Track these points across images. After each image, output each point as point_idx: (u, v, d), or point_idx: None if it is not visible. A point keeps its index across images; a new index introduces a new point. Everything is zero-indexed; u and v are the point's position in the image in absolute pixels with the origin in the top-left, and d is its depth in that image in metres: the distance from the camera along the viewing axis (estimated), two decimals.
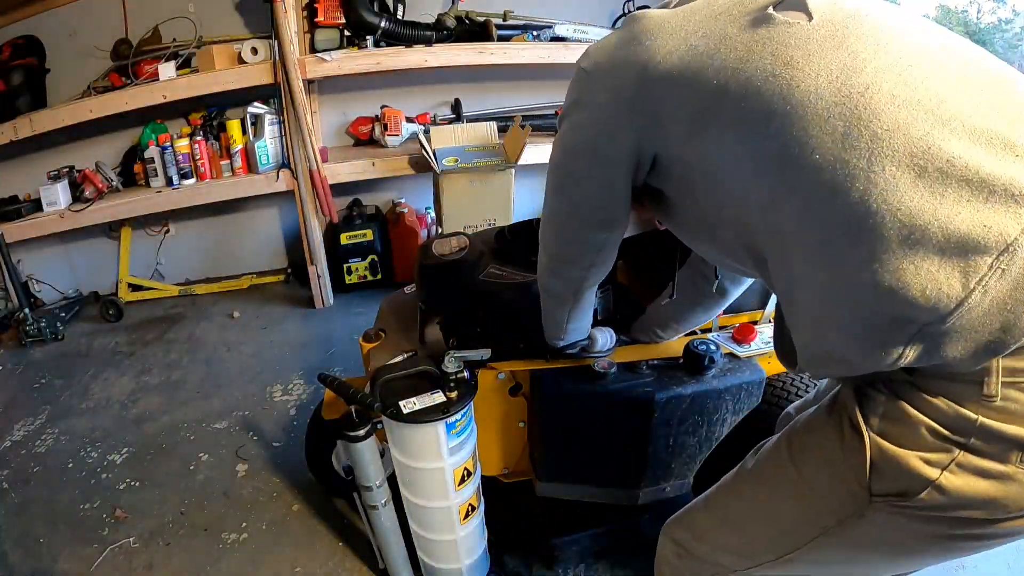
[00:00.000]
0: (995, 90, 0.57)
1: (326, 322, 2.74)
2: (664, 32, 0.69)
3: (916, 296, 0.53)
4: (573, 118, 0.79)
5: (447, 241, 1.37)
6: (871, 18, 0.61)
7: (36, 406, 2.22)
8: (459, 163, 2.45)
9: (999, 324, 0.52)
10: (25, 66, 2.56)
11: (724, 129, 0.64)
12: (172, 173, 2.66)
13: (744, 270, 0.83)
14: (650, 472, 1.34)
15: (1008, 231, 0.50)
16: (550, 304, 1.06)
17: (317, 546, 1.56)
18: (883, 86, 0.55)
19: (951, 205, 0.52)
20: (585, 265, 0.92)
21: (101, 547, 1.59)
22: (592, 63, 0.77)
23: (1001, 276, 0.51)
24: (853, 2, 0.63)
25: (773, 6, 0.63)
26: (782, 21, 0.62)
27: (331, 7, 2.54)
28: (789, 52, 0.59)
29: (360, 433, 1.14)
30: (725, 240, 0.75)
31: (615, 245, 0.90)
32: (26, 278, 2.83)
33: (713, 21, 0.66)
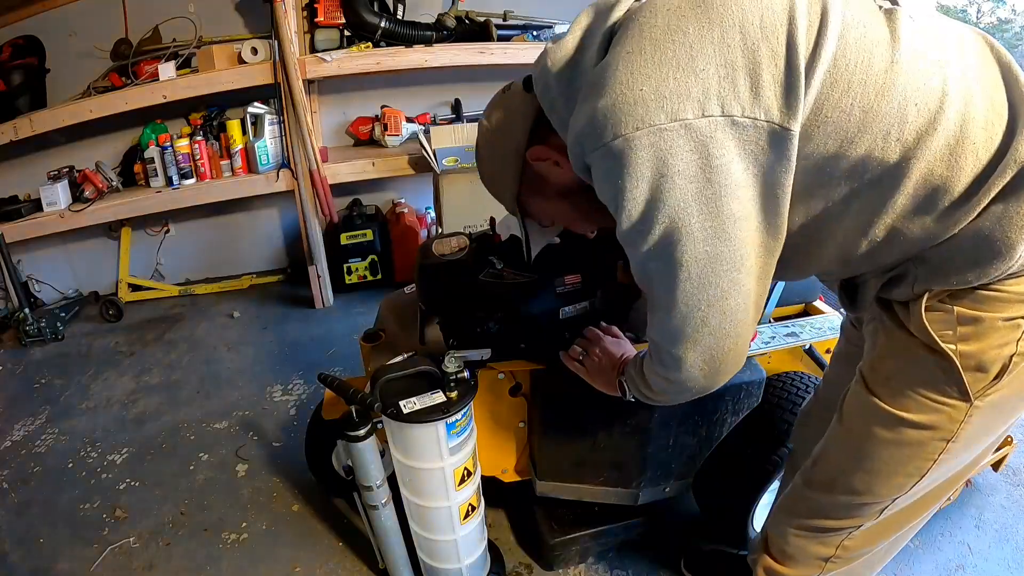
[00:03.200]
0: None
1: (326, 322, 2.74)
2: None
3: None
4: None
5: (447, 241, 1.37)
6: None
7: (36, 406, 2.22)
8: (459, 163, 2.45)
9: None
10: (25, 66, 2.56)
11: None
12: (172, 173, 2.66)
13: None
14: (650, 472, 1.34)
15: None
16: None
17: (317, 546, 1.56)
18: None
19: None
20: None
21: (101, 547, 1.59)
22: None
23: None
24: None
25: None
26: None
27: (331, 7, 2.54)
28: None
29: (360, 433, 1.14)
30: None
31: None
32: (26, 278, 2.84)
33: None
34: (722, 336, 0.73)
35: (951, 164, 0.63)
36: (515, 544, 1.54)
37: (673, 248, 0.66)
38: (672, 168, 0.62)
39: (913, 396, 0.75)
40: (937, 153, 0.63)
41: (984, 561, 1.47)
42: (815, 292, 1.47)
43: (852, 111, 0.63)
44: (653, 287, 0.74)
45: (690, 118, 0.60)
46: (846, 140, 0.64)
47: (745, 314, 0.72)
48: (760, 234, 0.67)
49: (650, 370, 0.89)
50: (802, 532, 0.94)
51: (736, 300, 0.70)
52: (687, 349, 0.75)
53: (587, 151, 0.68)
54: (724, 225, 0.65)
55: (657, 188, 0.63)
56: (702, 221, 0.64)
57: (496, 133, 0.88)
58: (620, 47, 0.64)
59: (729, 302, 0.70)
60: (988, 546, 1.51)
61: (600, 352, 1.10)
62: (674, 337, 0.75)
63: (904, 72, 0.63)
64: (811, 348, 1.38)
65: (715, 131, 0.60)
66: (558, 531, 1.42)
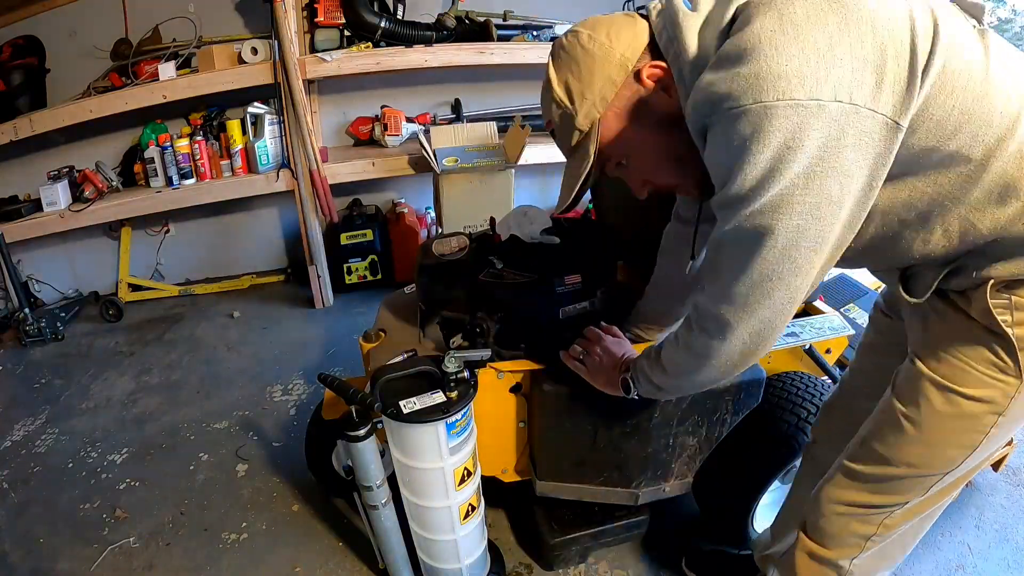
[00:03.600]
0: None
1: (326, 322, 2.74)
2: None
3: None
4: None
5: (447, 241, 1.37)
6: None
7: (36, 406, 2.22)
8: (459, 163, 2.45)
9: None
10: (25, 66, 2.56)
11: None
12: (172, 173, 2.66)
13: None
14: (650, 472, 1.34)
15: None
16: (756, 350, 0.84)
17: (317, 546, 1.56)
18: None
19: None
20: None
21: (101, 547, 1.59)
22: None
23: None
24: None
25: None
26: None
27: (331, 7, 2.55)
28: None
29: (360, 433, 1.14)
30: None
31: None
32: (26, 278, 2.84)
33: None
34: (777, 312, 0.77)
35: (1021, 166, 0.72)
36: (515, 544, 1.54)
37: (772, 215, 0.71)
38: (799, 142, 0.66)
39: (971, 371, 0.81)
40: (1011, 155, 0.72)
41: (984, 561, 1.47)
42: (815, 292, 1.47)
43: (952, 112, 0.70)
44: (729, 252, 0.77)
45: (824, 100, 0.65)
46: (943, 136, 0.71)
47: (801, 297, 0.77)
48: (842, 224, 0.73)
49: (674, 348, 0.92)
50: (847, 509, 0.97)
51: (802, 280, 0.74)
52: (742, 318, 0.79)
53: (716, 111, 0.71)
54: (821, 204, 0.69)
55: (780, 158, 0.67)
56: (804, 195, 0.69)
57: (600, 41, 0.84)
58: (761, 25, 0.68)
59: (797, 280, 0.74)
60: (988, 546, 1.51)
61: (601, 351, 1.11)
62: (733, 303, 0.78)
63: (994, 83, 0.71)
64: (811, 348, 1.38)
65: (842, 116, 0.66)
66: (558, 531, 1.42)
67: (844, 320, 1.42)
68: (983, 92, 0.71)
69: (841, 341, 1.43)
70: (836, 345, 1.44)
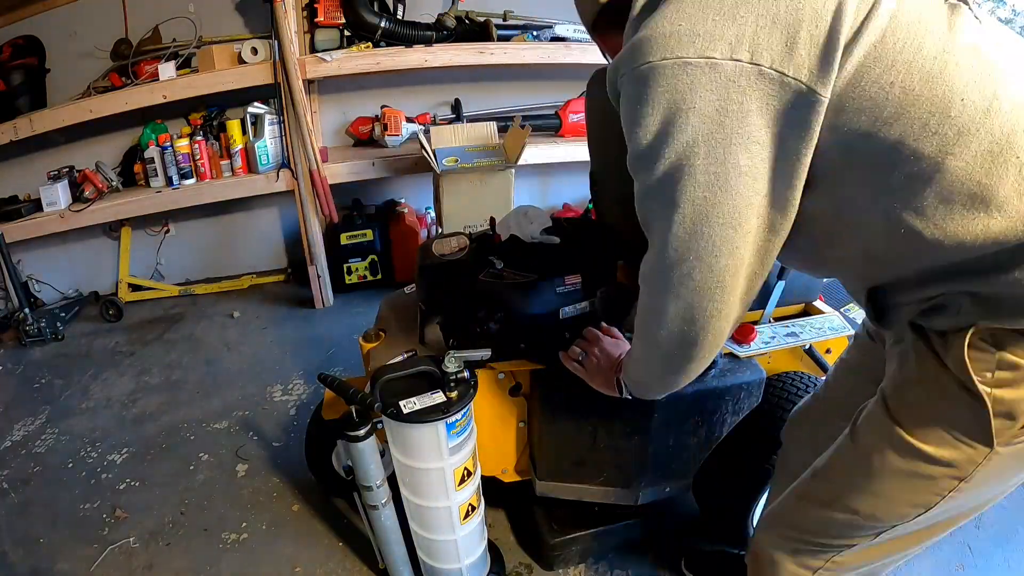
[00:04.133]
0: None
1: (326, 322, 2.74)
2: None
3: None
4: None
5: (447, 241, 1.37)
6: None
7: (36, 406, 2.22)
8: (459, 163, 2.45)
9: None
10: (25, 66, 2.56)
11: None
12: (172, 173, 2.66)
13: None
14: (650, 472, 1.34)
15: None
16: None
17: (317, 546, 1.56)
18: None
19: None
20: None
21: (101, 547, 1.59)
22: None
23: None
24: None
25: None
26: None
27: (331, 7, 2.54)
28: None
29: (360, 433, 1.14)
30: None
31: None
32: (26, 278, 2.83)
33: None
34: (705, 295, 0.71)
35: (991, 172, 0.60)
36: (515, 544, 1.54)
37: (674, 186, 0.66)
38: (688, 103, 0.62)
39: (935, 430, 0.73)
40: (977, 157, 0.60)
41: (984, 561, 1.47)
42: (815, 292, 1.47)
43: (891, 90, 0.61)
44: (650, 225, 0.74)
45: (717, 58, 0.61)
46: (880, 120, 0.62)
47: (734, 282, 0.70)
48: (766, 202, 0.66)
49: (631, 346, 0.89)
50: (793, 543, 0.93)
51: (727, 261, 0.68)
52: (669, 299, 0.74)
53: (619, 76, 0.69)
54: (728, 175, 0.64)
55: (670, 120, 0.63)
56: (706, 164, 0.64)
57: None
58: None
59: (719, 260, 0.68)
60: (988, 546, 1.51)
61: (599, 352, 1.10)
62: (658, 285, 0.74)
63: (955, 64, 0.61)
64: (811, 348, 1.38)
65: (739, 76, 0.61)
66: (558, 531, 1.42)
67: (844, 320, 1.42)
68: (935, 72, 0.60)
69: (841, 341, 1.43)
70: (836, 345, 1.44)
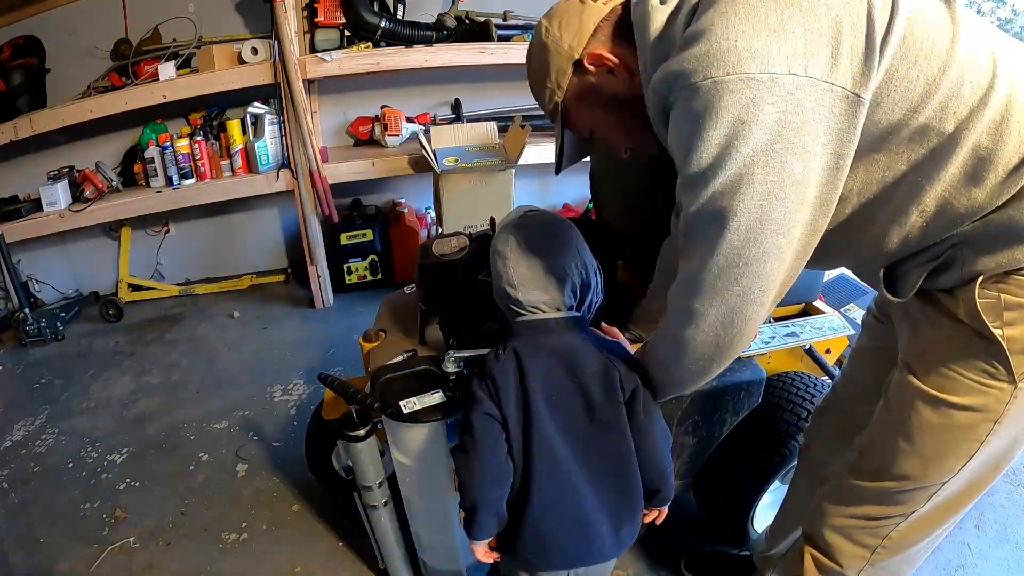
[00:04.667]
0: None
1: (326, 322, 2.74)
2: None
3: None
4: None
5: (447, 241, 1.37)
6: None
7: (36, 406, 2.22)
8: (459, 163, 2.45)
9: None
10: (25, 66, 2.56)
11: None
12: (172, 173, 2.66)
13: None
14: None
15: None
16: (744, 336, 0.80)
17: (317, 546, 1.56)
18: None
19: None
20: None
21: (101, 547, 1.59)
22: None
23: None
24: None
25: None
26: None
27: (331, 7, 2.54)
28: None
29: (360, 433, 1.14)
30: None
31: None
32: (26, 278, 2.83)
33: None
34: (748, 300, 0.74)
35: (996, 138, 0.69)
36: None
37: (732, 197, 0.68)
38: (752, 116, 0.65)
39: (961, 380, 0.79)
40: (985, 127, 0.69)
41: (984, 561, 1.47)
42: (815, 292, 1.47)
43: (917, 82, 0.68)
44: (696, 237, 0.75)
45: (778, 72, 0.64)
46: (910, 109, 0.69)
47: (774, 285, 0.74)
48: (811, 207, 0.70)
49: (655, 342, 0.91)
50: (850, 522, 0.96)
51: (772, 266, 0.72)
52: (710, 304, 0.76)
53: (672, 91, 0.71)
54: (783, 183, 0.67)
55: (735, 134, 0.66)
56: (764, 175, 0.67)
57: (552, 33, 0.90)
58: (713, 9, 0.68)
59: (766, 266, 0.71)
60: (988, 546, 1.51)
61: None
62: (701, 290, 0.76)
63: (961, 52, 0.69)
64: (811, 348, 1.38)
65: (796, 89, 0.64)
66: None
67: (844, 320, 1.42)
68: (948, 61, 0.69)
69: (841, 341, 1.43)
70: (836, 345, 1.44)
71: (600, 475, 0.93)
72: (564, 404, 0.91)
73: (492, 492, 0.91)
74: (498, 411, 0.90)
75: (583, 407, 0.91)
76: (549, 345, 0.92)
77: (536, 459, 0.90)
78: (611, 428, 0.91)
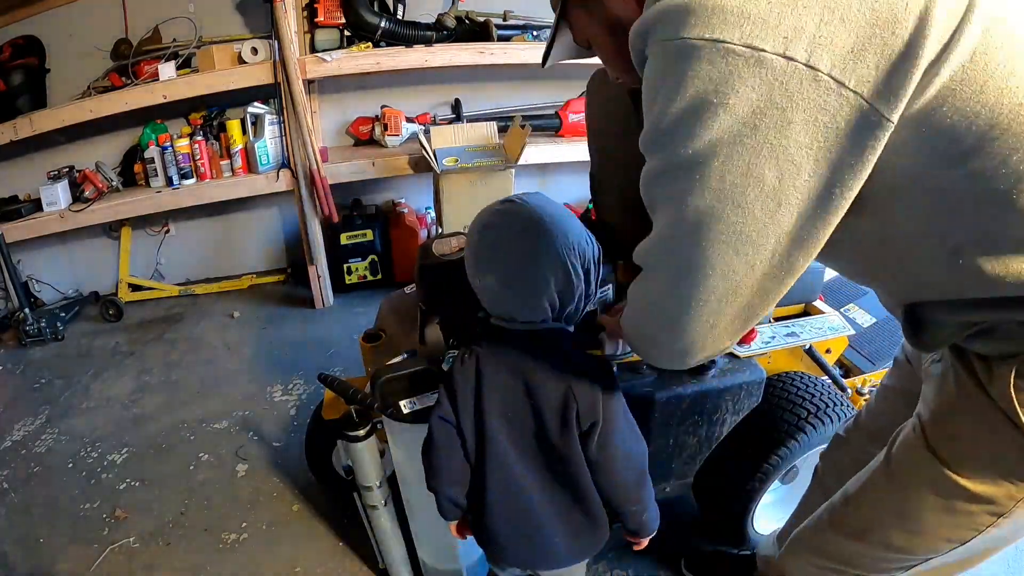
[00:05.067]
0: None
1: (326, 322, 2.74)
2: None
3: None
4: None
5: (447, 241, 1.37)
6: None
7: (36, 406, 2.22)
8: (459, 163, 2.45)
9: None
10: (25, 66, 2.56)
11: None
12: (172, 173, 2.66)
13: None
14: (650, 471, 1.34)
15: None
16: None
17: (317, 546, 1.56)
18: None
19: None
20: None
21: (101, 547, 1.59)
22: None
23: None
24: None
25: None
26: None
27: (331, 7, 2.54)
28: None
29: (360, 433, 1.14)
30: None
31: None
32: (26, 278, 2.83)
33: None
34: (683, 309, 0.63)
35: None
36: None
37: (681, 185, 0.57)
38: (721, 97, 0.52)
39: (976, 465, 0.69)
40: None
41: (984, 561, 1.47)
42: (815, 292, 1.47)
43: (975, 120, 0.51)
44: (654, 209, 0.65)
45: (767, 50, 0.49)
46: (956, 152, 0.53)
47: (720, 308, 0.61)
48: (787, 235, 0.57)
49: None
50: (821, 571, 0.92)
51: (718, 283, 0.59)
52: (646, 292, 0.69)
53: (646, 43, 0.59)
54: (746, 188, 0.54)
55: (696, 112, 0.53)
56: (724, 170, 0.54)
57: None
58: None
59: (710, 282, 0.60)
60: None
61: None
62: (645, 268, 0.69)
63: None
64: (811, 348, 1.38)
65: (788, 78, 0.50)
66: None
67: (844, 320, 1.42)
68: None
69: (841, 341, 1.43)
70: (836, 345, 1.44)
71: (553, 490, 0.91)
72: (519, 423, 0.89)
73: (448, 488, 0.93)
74: (454, 417, 0.90)
75: (535, 431, 0.89)
76: (510, 363, 0.88)
77: (488, 467, 0.90)
78: (564, 458, 0.88)
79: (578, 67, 3.04)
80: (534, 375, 0.86)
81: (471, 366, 0.90)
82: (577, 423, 0.85)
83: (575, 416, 0.85)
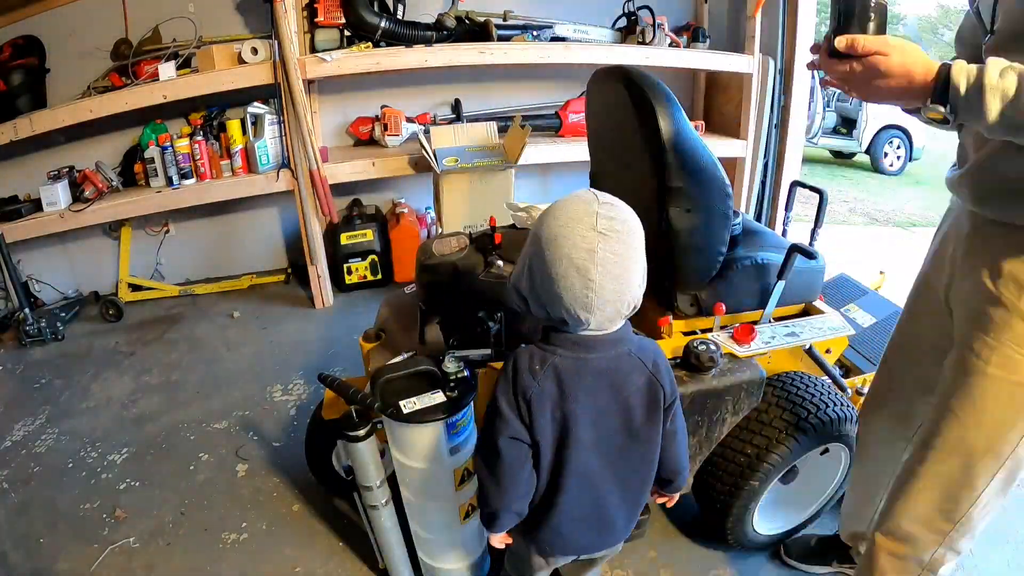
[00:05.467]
0: None
1: (326, 322, 2.74)
2: None
3: None
4: None
5: (447, 241, 1.37)
6: None
7: (36, 406, 2.22)
8: (459, 163, 2.45)
9: None
10: (25, 66, 2.56)
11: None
12: (172, 173, 2.66)
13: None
14: None
15: None
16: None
17: (317, 546, 1.56)
18: None
19: None
20: None
21: (101, 547, 1.59)
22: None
23: None
24: None
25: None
26: None
27: (331, 7, 2.55)
28: None
29: (360, 433, 1.14)
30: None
31: None
32: (26, 278, 2.83)
33: None
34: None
35: None
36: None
37: None
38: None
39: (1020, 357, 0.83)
40: None
41: (984, 561, 1.47)
42: (815, 292, 1.47)
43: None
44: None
45: None
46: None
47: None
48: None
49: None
50: (923, 512, 0.98)
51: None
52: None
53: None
54: None
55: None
56: None
57: None
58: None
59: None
60: (988, 546, 1.51)
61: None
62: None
63: None
64: (811, 348, 1.38)
65: None
66: None
67: (844, 320, 1.42)
68: None
69: (841, 341, 1.43)
70: (836, 345, 1.44)
71: (627, 478, 0.94)
72: (605, 423, 0.88)
73: (516, 503, 0.90)
74: (528, 434, 0.86)
75: (622, 425, 0.89)
76: (594, 365, 0.85)
77: (567, 472, 0.89)
78: (647, 441, 0.91)
79: (578, 67, 3.06)
80: (620, 372, 0.87)
81: (550, 379, 0.84)
82: (663, 406, 0.91)
83: (662, 400, 0.90)
